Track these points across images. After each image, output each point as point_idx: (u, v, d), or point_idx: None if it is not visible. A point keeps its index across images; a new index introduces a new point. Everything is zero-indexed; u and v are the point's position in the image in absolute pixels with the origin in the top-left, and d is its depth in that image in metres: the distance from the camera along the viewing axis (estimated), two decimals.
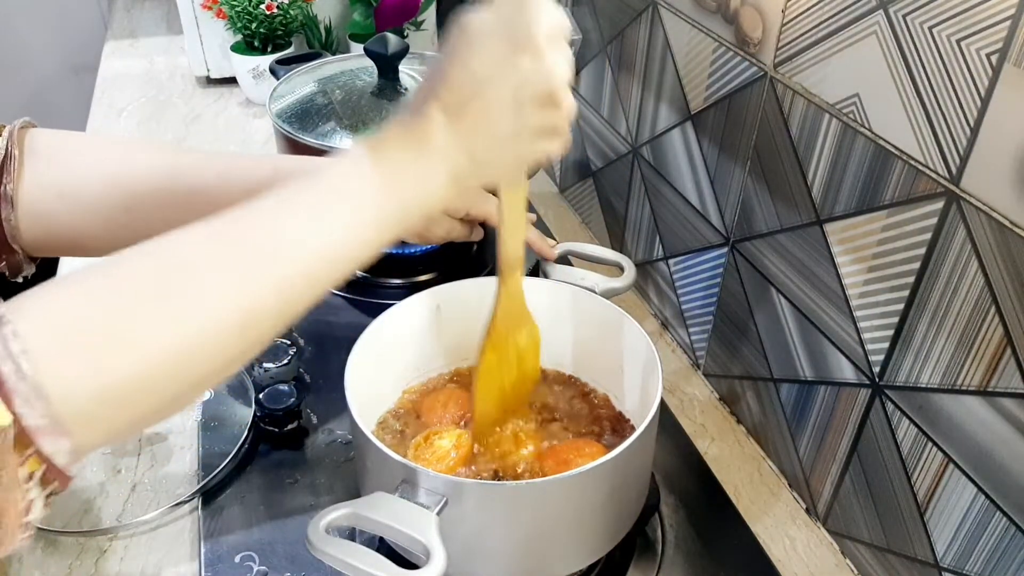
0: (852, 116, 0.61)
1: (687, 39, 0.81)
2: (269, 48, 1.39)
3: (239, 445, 0.77)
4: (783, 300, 0.72)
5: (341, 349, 0.64)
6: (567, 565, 0.62)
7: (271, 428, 0.79)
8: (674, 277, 0.92)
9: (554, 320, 0.74)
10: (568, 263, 0.84)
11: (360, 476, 0.65)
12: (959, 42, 0.50)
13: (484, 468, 0.65)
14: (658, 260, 0.95)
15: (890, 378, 0.62)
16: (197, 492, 0.74)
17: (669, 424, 0.82)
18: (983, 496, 0.55)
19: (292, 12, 1.37)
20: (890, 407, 0.62)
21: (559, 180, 1.23)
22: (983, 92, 0.50)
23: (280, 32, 1.39)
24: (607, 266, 0.79)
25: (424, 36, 1.55)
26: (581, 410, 0.73)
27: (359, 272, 0.99)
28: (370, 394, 0.68)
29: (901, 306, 0.59)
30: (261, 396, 0.79)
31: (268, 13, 1.34)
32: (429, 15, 1.55)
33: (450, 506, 0.53)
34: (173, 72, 1.59)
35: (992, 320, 0.52)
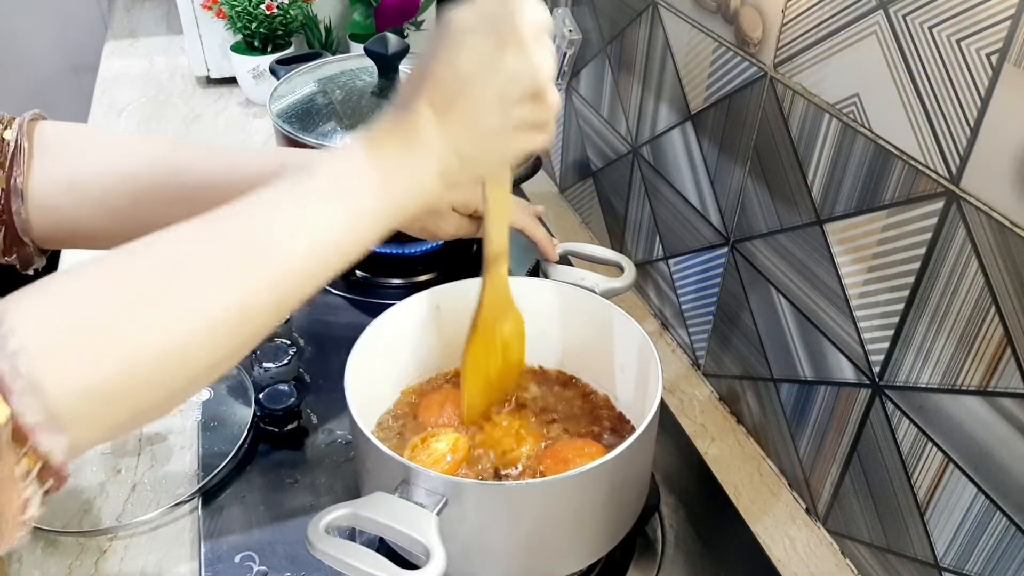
0: (852, 116, 0.61)
1: (687, 39, 0.81)
2: (269, 48, 1.39)
3: (239, 445, 0.77)
4: (783, 300, 0.72)
5: (341, 349, 0.64)
6: (567, 565, 0.62)
7: (271, 428, 0.79)
8: (674, 277, 0.92)
9: (554, 320, 0.74)
10: (568, 263, 0.84)
11: (360, 476, 0.65)
12: (959, 42, 0.50)
13: (483, 469, 0.65)
14: (658, 260, 0.95)
15: (890, 378, 0.62)
16: (197, 492, 0.74)
17: (669, 424, 0.82)
18: (983, 496, 0.55)
19: (292, 12, 1.38)
20: (890, 407, 0.62)
21: (559, 180, 1.23)
22: (983, 92, 0.50)
23: (280, 32, 1.39)
24: (607, 266, 0.79)
25: (424, 36, 1.55)
26: (581, 410, 0.73)
27: (359, 272, 1.00)
28: (370, 394, 0.68)
29: (901, 306, 0.59)
30: (261, 396, 0.79)
31: (268, 13, 1.34)
32: (429, 15, 1.55)
33: (450, 506, 0.53)
34: (173, 72, 1.59)
35: (992, 320, 0.52)
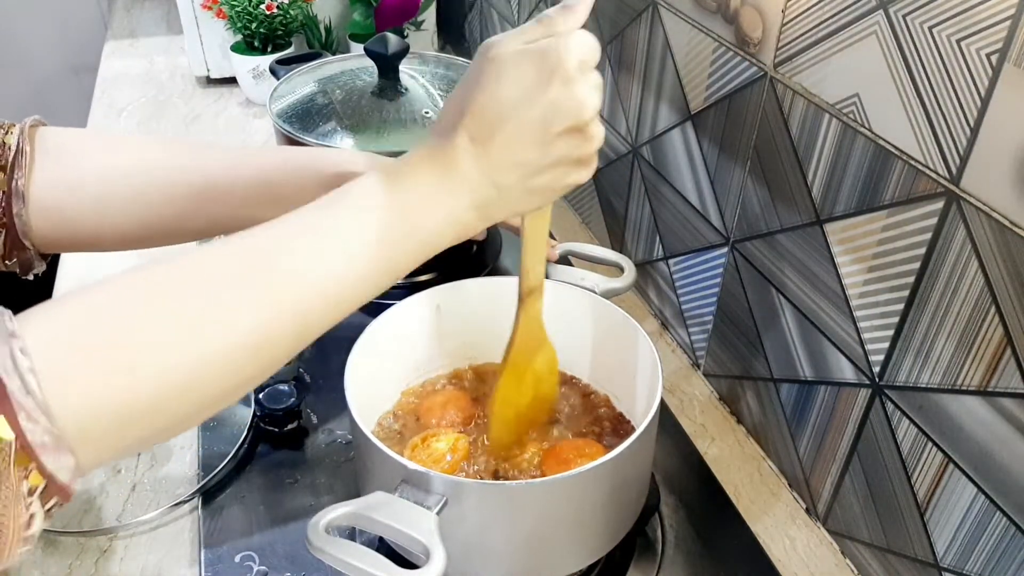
0: (852, 116, 0.61)
1: (687, 39, 0.81)
2: (269, 48, 1.39)
3: (239, 445, 0.77)
4: (783, 300, 0.72)
5: (341, 349, 0.64)
6: (567, 565, 0.62)
7: (271, 428, 0.79)
8: (674, 277, 0.92)
9: (553, 321, 0.73)
10: (568, 263, 0.84)
11: (360, 476, 0.65)
12: (959, 42, 0.50)
13: (483, 469, 0.65)
14: (658, 260, 0.95)
15: (890, 378, 0.62)
16: (197, 492, 0.74)
17: (669, 424, 0.82)
18: (983, 496, 0.55)
19: (292, 12, 1.38)
20: (890, 407, 0.62)
21: None
22: (983, 92, 0.49)
23: (280, 32, 1.39)
24: (607, 266, 0.79)
25: (424, 36, 1.55)
26: (581, 410, 0.73)
27: None
28: (370, 394, 0.68)
29: (901, 306, 0.59)
30: (261, 396, 0.79)
31: (268, 13, 1.34)
32: (429, 15, 1.55)
33: (450, 506, 0.53)
34: (173, 72, 1.59)
35: (992, 320, 0.52)
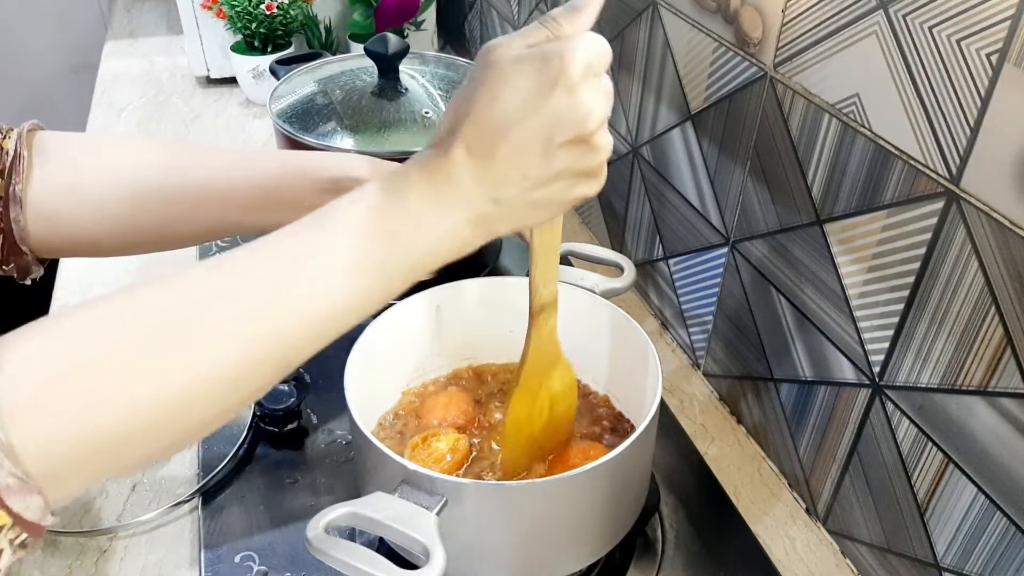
0: (852, 116, 0.61)
1: (687, 39, 0.81)
2: (269, 48, 1.39)
3: (239, 445, 0.77)
4: (783, 300, 0.72)
5: (341, 349, 0.64)
6: (567, 565, 0.62)
7: (271, 428, 0.79)
8: (674, 277, 0.92)
9: None
10: (568, 263, 0.84)
11: (360, 476, 0.65)
12: (959, 42, 0.50)
13: (483, 469, 0.65)
14: (658, 260, 0.95)
15: (890, 378, 0.62)
16: (197, 492, 0.74)
17: (669, 424, 0.82)
18: (983, 496, 0.55)
19: (292, 12, 1.38)
20: (890, 407, 0.62)
21: None
22: (983, 92, 0.49)
23: (280, 32, 1.39)
24: (607, 266, 0.79)
25: (424, 36, 1.55)
26: (581, 410, 0.72)
27: None
28: (370, 394, 0.68)
29: (901, 306, 0.59)
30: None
31: (268, 13, 1.34)
32: (429, 15, 1.55)
33: (450, 506, 0.53)
34: (173, 72, 1.59)
35: (992, 320, 0.52)
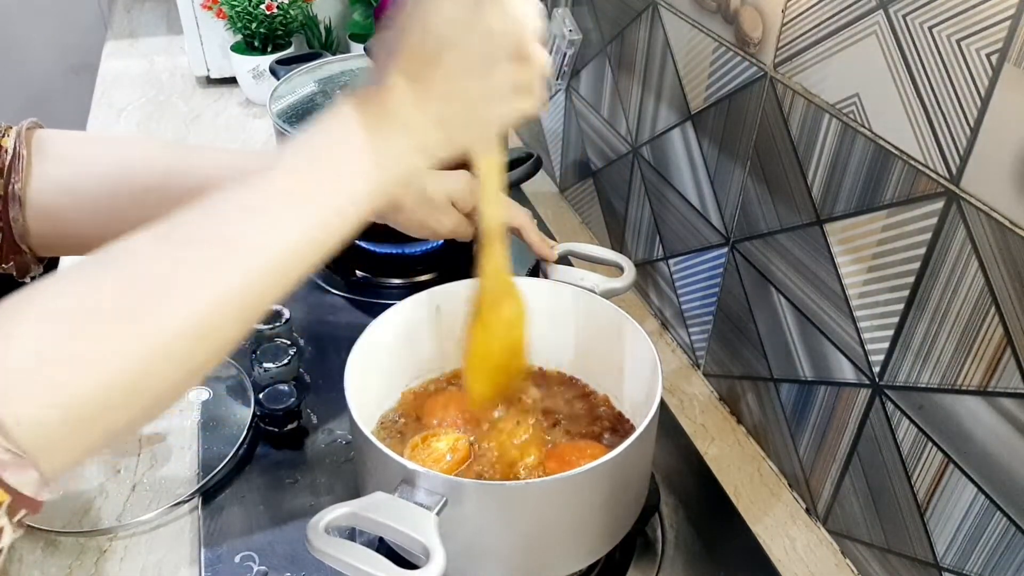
0: (852, 116, 0.61)
1: (687, 39, 0.81)
2: (269, 48, 1.40)
3: (239, 445, 0.77)
4: (783, 300, 0.72)
5: (341, 349, 0.64)
6: (567, 565, 0.62)
7: (271, 428, 0.79)
8: (674, 277, 0.92)
9: (554, 321, 0.74)
10: (568, 263, 0.84)
11: (360, 476, 0.65)
12: (959, 42, 0.50)
13: (483, 469, 0.65)
14: (658, 260, 0.95)
15: (890, 378, 0.62)
16: (197, 492, 0.74)
17: (669, 424, 0.82)
18: (983, 496, 0.55)
19: (292, 12, 1.38)
20: (890, 407, 0.62)
21: (559, 180, 1.23)
22: (983, 92, 0.49)
23: (280, 32, 1.39)
24: (607, 266, 0.79)
25: None
26: (581, 410, 0.73)
27: (359, 272, 1.00)
28: (370, 394, 0.68)
29: (901, 306, 0.59)
30: (261, 396, 0.79)
31: (268, 13, 1.34)
32: None
33: (450, 506, 0.53)
34: (173, 72, 1.59)
35: (992, 320, 0.52)
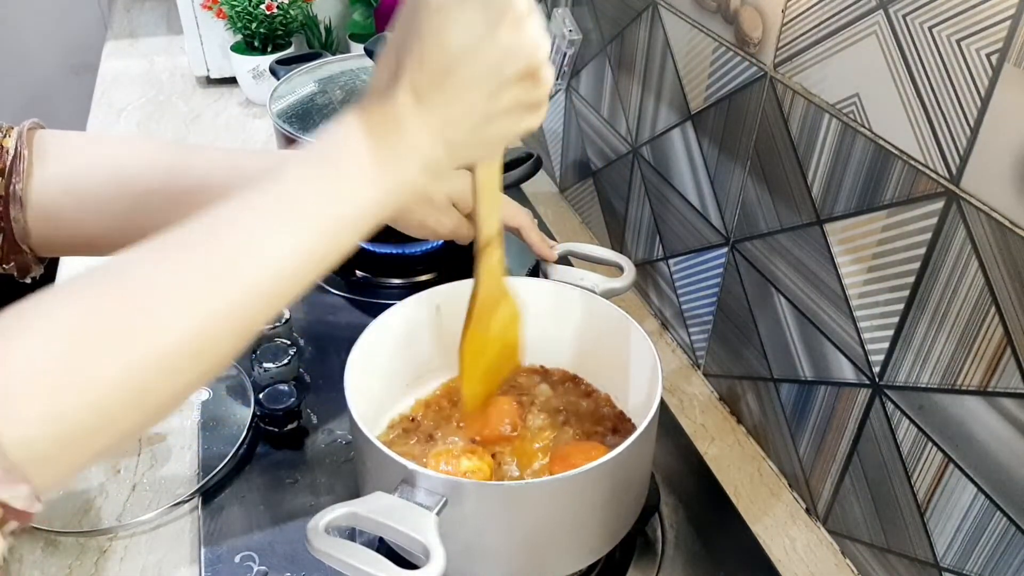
0: (852, 116, 0.61)
1: (687, 39, 0.81)
2: (269, 48, 1.40)
3: (239, 445, 0.77)
4: (783, 300, 0.72)
5: (341, 349, 0.64)
6: (567, 565, 0.62)
7: (271, 428, 0.79)
8: (674, 277, 0.92)
9: (554, 321, 0.74)
10: (568, 263, 0.84)
11: (360, 476, 0.65)
12: (959, 42, 0.50)
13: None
14: (658, 260, 0.95)
15: (890, 378, 0.62)
16: (197, 492, 0.74)
17: (669, 424, 0.82)
18: (983, 496, 0.55)
19: (292, 12, 1.38)
20: (890, 407, 0.62)
21: (559, 180, 1.23)
22: (983, 92, 0.49)
23: (280, 32, 1.39)
24: (607, 266, 0.79)
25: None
26: (583, 410, 0.73)
27: (359, 272, 0.99)
28: (370, 394, 0.68)
29: (901, 306, 0.59)
30: (261, 396, 0.79)
31: (268, 13, 1.34)
32: None
33: (450, 506, 0.53)
34: (173, 72, 1.59)
35: (992, 320, 0.52)
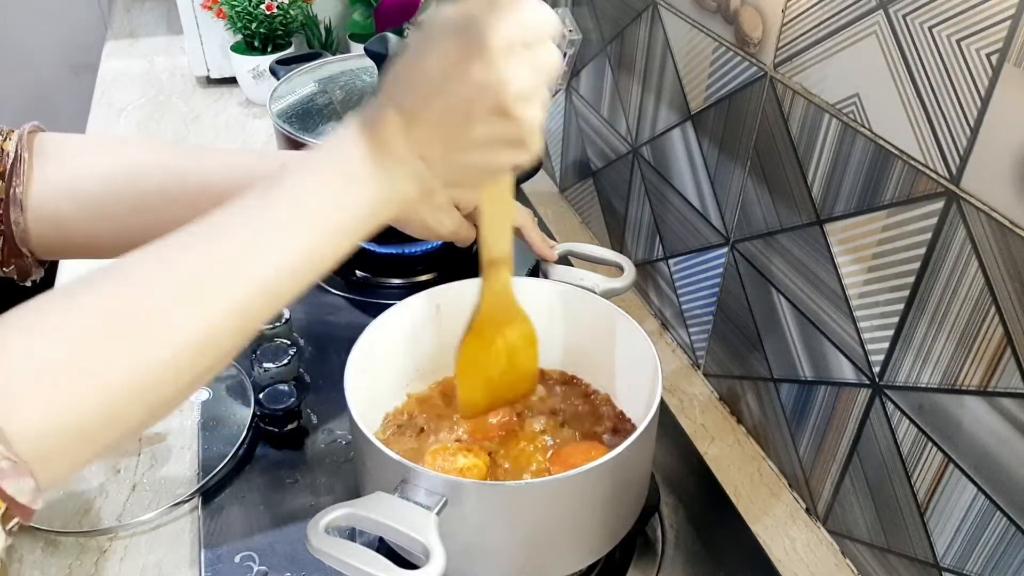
0: (852, 116, 0.61)
1: (687, 39, 0.81)
2: (269, 48, 1.39)
3: (239, 445, 0.77)
4: (783, 300, 0.72)
5: (341, 349, 0.64)
6: (567, 565, 0.62)
7: (271, 428, 0.79)
8: (674, 277, 0.92)
9: (554, 321, 0.74)
10: (568, 263, 0.84)
11: (360, 476, 0.65)
12: (959, 42, 0.50)
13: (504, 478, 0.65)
14: (658, 260, 0.95)
15: (890, 378, 0.62)
16: (197, 492, 0.74)
17: (669, 424, 0.82)
18: (983, 496, 0.55)
19: (292, 12, 1.38)
20: (890, 407, 0.62)
21: (559, 180, 1.23)
22: (983, 92, 0.49)
23: (280, 32, 1.39)
24: (607, 266, 0.79)
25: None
26: (583, 410, 0.72)
27: (359, 272, 0.99)
28: (370, 394, 0.68)
29: (901, 306, 0.59)
30: (261, 396, 0.79)
31: (268, 13, 1.34)
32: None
33: (450, 506, 0.53)
34: (173, 72, 1.59)
35: (992, 320, 0.52)
